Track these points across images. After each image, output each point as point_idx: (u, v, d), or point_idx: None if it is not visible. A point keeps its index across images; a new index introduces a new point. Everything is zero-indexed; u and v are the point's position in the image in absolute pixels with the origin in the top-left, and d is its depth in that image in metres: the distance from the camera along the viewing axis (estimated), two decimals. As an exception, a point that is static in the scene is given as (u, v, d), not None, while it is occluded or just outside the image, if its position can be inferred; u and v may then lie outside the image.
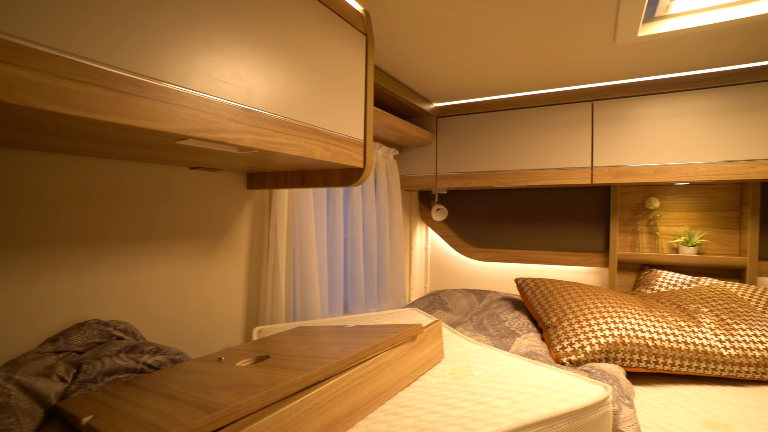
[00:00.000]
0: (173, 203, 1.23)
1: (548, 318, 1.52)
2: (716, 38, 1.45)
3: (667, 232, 2.18)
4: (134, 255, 1.12)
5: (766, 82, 1.71)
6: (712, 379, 1.42)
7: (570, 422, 0.84)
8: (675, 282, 2.01)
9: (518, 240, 2.51)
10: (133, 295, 1.12)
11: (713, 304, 1.60)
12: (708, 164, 1.80)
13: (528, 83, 1.98)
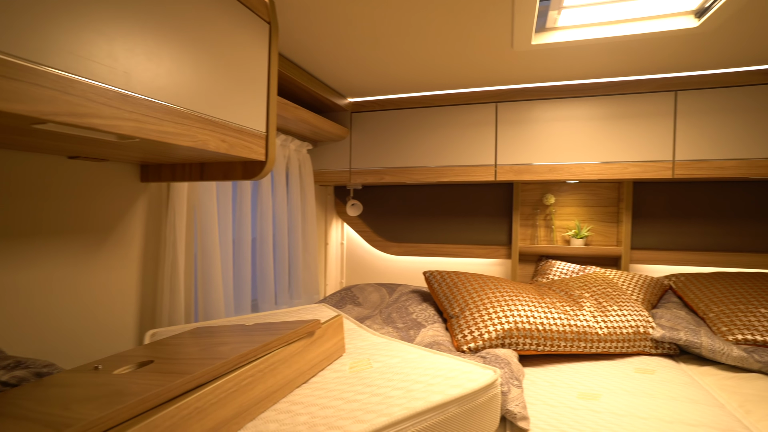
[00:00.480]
0: (47, 196, 1.09)
1: (452, 308, 1.59)
2: (597, 52, 1.61)
3: (561, 226, 2.40)
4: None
5: (639, 94, 1.93)
6: (590, 356, 1.59)
7: (461, 406, 0.89)
8: (566, 271, 2.21)
9: (430, 234, 2.60)
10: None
11: (594, 290, 1.78)
12: (593, 164, 2.00)
13: (437, 83, 2.05)
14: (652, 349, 1.61)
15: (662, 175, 1.90)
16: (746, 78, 1.81)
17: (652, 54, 1.64)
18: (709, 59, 1.68)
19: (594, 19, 1.45)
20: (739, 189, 2.16)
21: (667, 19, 1.40)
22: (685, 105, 1.88)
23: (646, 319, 1.64)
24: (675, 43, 1.53)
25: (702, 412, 1.17)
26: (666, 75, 1.89)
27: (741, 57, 1.66)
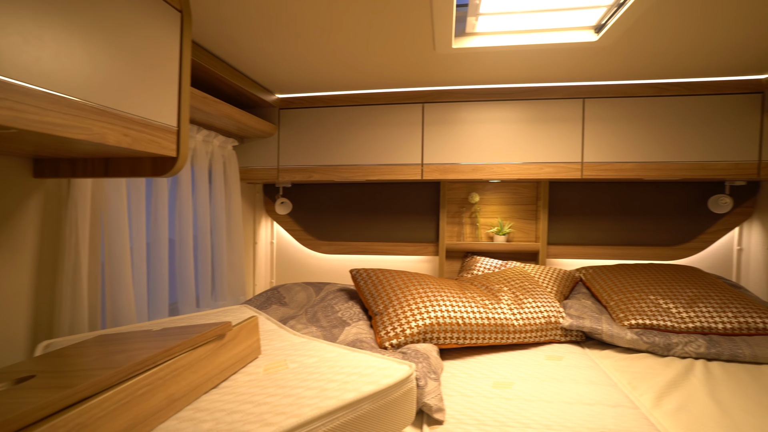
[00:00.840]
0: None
1: (377, 306, 1.61)
2: (513, 58, 1.70)
3: (485, 223, 2.51)
4: None
5: (553, 100, 2.07)
6: (507, 346, 1.68)
7: (374, 402, 0.90)
8: (489, 266, 2.32)
9: (361, 233, 2.61)
10: None
11: (512, 284, 1.88)
12: (512, 165, 2.11)
13: (365, 82, 2.06)
14: (562, 337, 1.73)
15: (573, 176, 2.05)
16: (642, 90, 2.00)
17: (561, 63, 1.76)
18: (610, 71, 1.84)
19: (507, 28, 1.53)
20: (638, 189, 2.38)
21: (571, 32, 1.51)
22: (591, 112, 2.04)
23: (557, 310, 1.76)
24: (580, 55, 1.66)
25: (598, 392, 1.27)
26: (575, 83, 2.04)
27: (636, 71, 1.83)
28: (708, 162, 1.96)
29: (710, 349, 1.56)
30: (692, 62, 1.72)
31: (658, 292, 1.85)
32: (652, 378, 1.39)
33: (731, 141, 1.95)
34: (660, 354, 1.60)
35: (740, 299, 1.76)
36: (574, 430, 1.07)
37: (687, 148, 1.98)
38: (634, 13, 1.28)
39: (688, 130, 1.98)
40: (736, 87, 1.95)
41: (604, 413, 1.15)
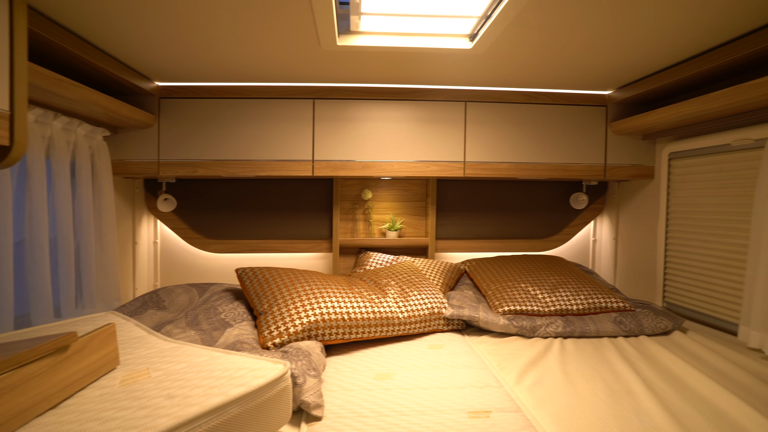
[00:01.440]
0: None
1: (261, 305, 1.57)
2: (398, 59, 1.76)
3: (378, 219, 2.57)
4: None
5: (439, 101, 2.18)
6: (393, 338, 1.75)
7: (244, 405, 0.88)
8: (382, 261, 2.38)
9: (254, 230, 2.52)
10: None
11: (400, 278, 1.96)
12: (401, 163, 2.19)
13: (253, 74, 1.98)
14: (445, 327, 1.84)
15: (456, 174, 2.19)
16: (515, 97, 2.20)
17: (444, 67, 1.86)
18: (487, 77, 1.99)
19: (390, 29, 1.58)
20: (514, 187, 2.62)
21: (450, 38, 1.60)
22: (473, 114, 2.19)
23: (441, 301, 1.87)
24: (459, 61, 1.77)
25: (471, 375, 1.38)
26: (458, 87, 2.18)
27: (509, 78, 2.00)
28: (568, 164, 2.23)
29: (566, 328, 1.77)
30: (552, 75, 1.94)
31: (528, 280, 2.05)
32: (518, 358, 1.54)
33: (585, 146, 2.24)
34: (527, 336, 1.78)
35: (591, 284, 2.03)
36: (445, 412, 1.15)
37: (552, 151, 2.22)
38: (500, 25, 1.40)
39: (553, 135, 2.22)
40: (587, 100, 2.24)
41: (473, 394, 1.25)
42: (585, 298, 1.93)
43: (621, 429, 1.08)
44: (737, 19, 1.33)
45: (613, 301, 1.92)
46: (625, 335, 1.79)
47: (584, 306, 1.90)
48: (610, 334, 1.78)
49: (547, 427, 1.09)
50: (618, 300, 1.93)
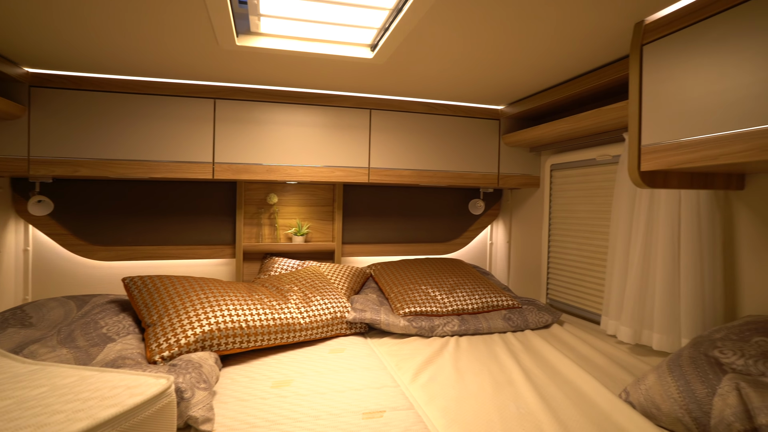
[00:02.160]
0: None
1: (150, 316, 1.46)
2: (303, 64, 1.75)
3: (284, 224, 2.52)
4: None
5: (344, 108, 2.21)
6: (295, 345, 1.73)
7: (117, 426, 0.81)
8: (287, 267, 2.34)
9: (149, 235, 2.34)
10: None
11: (303, 283, 1.94)
12: (307, 167, 2.17)
13: (145, 68, 1.84)
14: (348, 330, 1.86)
15: (361, 180, 2.23)
16: (417, 107, 2.31)
17: (348, 75, 1.89)
18: (390, 86, 2.06)
19: (293, 33, 1.57)
20: (418, 193, 2.74)
21: (352, 47, 1.64)
22: (377, 122, 2.25)
23: (344, 305, 1.89)
24: (363, 69, 1.81)
25: (369, 376, 1.41)
26: (363, 95, 2.22)
27: (410, 89, 2.09)
28: (466, 172, 2.38)
29: (461, 326, 1.89)
30: (451, 88, 2.06)
31: (429, 282, 2.15)
32: (415, 357, 1.61)
33: (481, 156, 2.41)
34: (426, 336, 1.86)
35: (485, 284, 2.19)
36: (340, 415, 1.16)
37: (451, 160, 2.36)
38: (397, 38, 1.46)
39: (452, 144, 2.36)
40: (483, 113, 2.41)
41: (369, 395, 1.28)
42: (479, 297, 2.07)
43: (500, 416, 1.17)
44: (598, 51, 1.53)
45: (503, 300, 2.09)
46: (513, 330, 1.95)
47: (478, 305, 2.04)
48: (500, 330, 1.93)
49: (436, 422, 1.16)
50: (508, 299, 2.10)
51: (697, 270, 1.46)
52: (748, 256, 1.43)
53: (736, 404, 0.98)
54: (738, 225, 1.46)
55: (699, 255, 1.46)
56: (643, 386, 1.20)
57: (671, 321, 1.53)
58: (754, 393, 0.97)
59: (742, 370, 1.07)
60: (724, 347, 1.15)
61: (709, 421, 1.02)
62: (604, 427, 1.12)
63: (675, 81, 1.18)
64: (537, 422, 1.14)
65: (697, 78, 1.12)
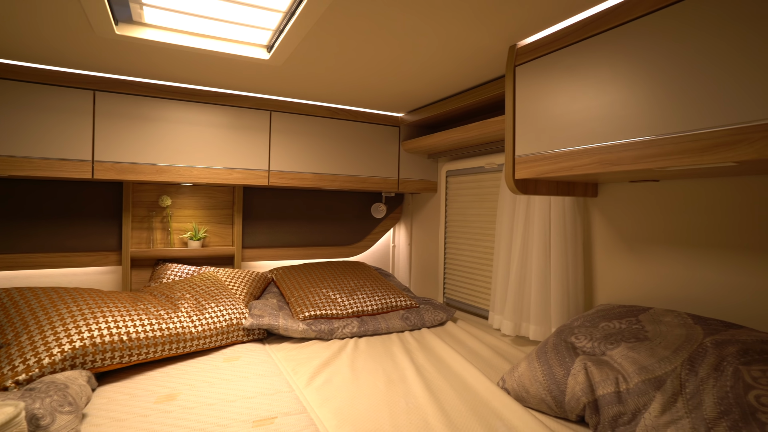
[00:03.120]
0: None
1: (4, 335, 1.28)
2: (195, 59, 1.67)
3: (178, 228, 2.37)
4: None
5: (243, 108, 2.14)
6: (186, 355, 1.63)
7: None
8: (182, 273, 2.20)
9: (14, 242, 2.04)
10: None
11: (197, 290, 1.85)
12: (202, 168, 2.07)
13: (12, 51, 1.62)
14: (245, 337, 1.81)
15: (260, 182, 2.18)
16: (319, 111, 2.31)
17: (246, 75, 1.84)
18: (290, 89, 2.05)
19: (185, 27, 1.49)
20: (322, 196, 2.75)
21: (247, 46, 1.60)
22: (277, 124, 2.22)
23: (240, 311, 1.83)
24: (261, 70, 1.77)
25: (263, 383, 1.39)
26: (263, 96, 2.18)
27: (312, 92, 2.10)
28: (367, 176, 2.44)
29: (360, 328, 1.93)
30: (351, 94, 2.10)
31: (329, 285, 2.17)
32: (312, 361, 1.61)
33: (382, 161, 2.49)
34: (326, 339, 1.88)
35: (385, 286, 2.26)
36: (228, 426, 1.13)
37: (353, 164, 2.40)
38: (292, 41, 1.46)
39: (354, 149, 2.41)
40: (384, 120, 2.50)
41: (262, 402, 1.26)
42: (379, 299, 2.13)
43: (390, 412, 1.23)
44: (482, 68, 1.67)
45: (402, 300, 2.17)
46: (411, 329, 2.04)
47: (378, 306, 2.10)
48: (398, 329, 2.01)
49: (328, 423, 1.18)
50: (406, 299, 2.19)
51: (563, 267, 1.66)
52: (601, 253, 1.65)
53: (584, 381, 1.14)
54: (593, 227, 1.68)
55: (564, 254, 1.66)
56: (516, 373, 1.33)
57: (544, 313, 1.71)
58: (596, 370, 1.14)
59: (589, 351, 1.24)
60: (579, 333, 1.33)
61: (564, 398, 1.17)
62: (482, 413, 1.22)
63: (541, 100, 1.33)
64: (423, 415, 1.21)
65: (556, 99, 1.28)
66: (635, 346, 1.17)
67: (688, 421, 0.93)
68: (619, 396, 1.08)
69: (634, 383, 1.07)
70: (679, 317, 1.25)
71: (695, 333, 1.15)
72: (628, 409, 1.05)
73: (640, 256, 1.52)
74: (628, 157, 1.08)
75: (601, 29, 1.15)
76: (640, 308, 1.37)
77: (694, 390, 0.97)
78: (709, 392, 0.94)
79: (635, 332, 1.24)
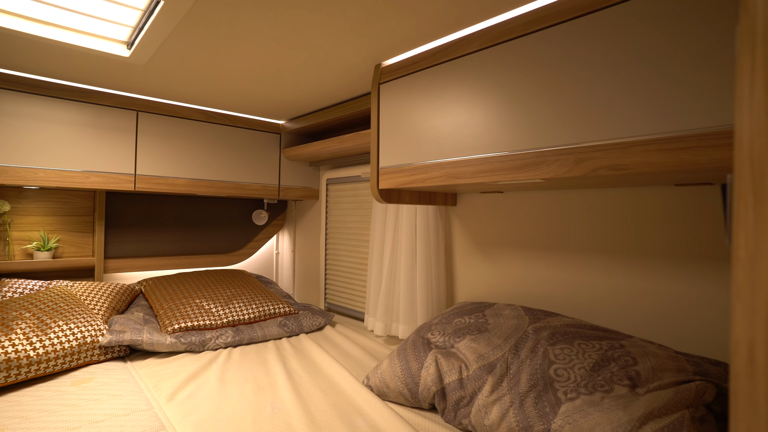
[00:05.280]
0: None
1: None
2: (47, 51, 1.50)
3: (21, 237, 2.08)
4: None
5: (105, 107, 1.96)
6: (24, 383, 1.45)
7: None
8: (24, 289, 1.93)
9: None
10: None
11: (40, 307, 1.65)
12: (51, 171, 1.85)
13: None
14: (102, 356, 1.66)
15: (125, 187, 2.02)
16: (193, 113, 2.22)
17: (106, 71, 1.70)
18: (157, 89, 1.93)
19: (27, 12, 1.34)
20: (199, 203, 2.62)
21: (105, 41, 1.49)
22: (146, 125, 2.08)
23: (97, 328, 1.68)
24: (122, 67, 1.66)
25: (117, 404, 1.29)
26: (129, 94, 2.02)
27: (183, 94, 2.00)
28: (246, 183, 2.40)
29: (235, 337, 1.89)
30: (228, 98, 2.06)
31: (204, 295, 2.08)
32: (179, 375, 1.54)
33: (262, 168, 2.47)
34: (197, 351, 1.80)
35: (264, 293, 2.24)
36: (68, 453, 1.04)
37: (231, 171, 2.34)
38: (154, 40, 1.40)
39: (232, 155, 2.35)
40: (264, 126, 2.48)
41: (113, 425, 1.18)
42: (256, 307, 2.11)
43: (254, 419, 1.23)
44: (354, 83, 1.77)
45: (280, 307, 2.17)
46: (289, 335, 2.05)
47: (255, 314, 2.07)
48: (275, 336, 2.00)
49: (186, 437, 1.14)
50: (285, 306, 2.20)
51: (427, 270, 1.82)
52: (460, 256, 1.85)
53: (434, 372, 1.27)
54: (453, 233, 1.87)
55: (428, 258, 1.82)
56: (378, 371, 1.42)
57: (410, 313, 1.86)
58: (445, 361, 1.28)
59: (441, 345, 1.39)
60: (435, 330, 1.47)
61: (418, 389, 1.29)
62: (346, 411, 1.29)
63: (402, 116, 1.46)
64: (288, 418, 1.24)
65: (414, 116, 1.41)
66: (477, 337, 1.34)
67: (509, 397, 1.09)
68: (461, 382, 1.22)
69: (473, 370, 1.23)
70: (514, 310, 1.46)
71: (523, 322, 1.35)
72: (467, 393, 1.20)
73: (490, 257, 1.73)
74: (467, 172, 1.24)
75: (448, 58, 1.31)
76: (487, 304, 1.57)
77: (515, 370, 1.15)
78: (525, 371, 1.12)
79: (479, 325, 1.41)
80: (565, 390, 1.03)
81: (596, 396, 0.98)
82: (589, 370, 1.06)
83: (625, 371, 1.03)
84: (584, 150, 1.00)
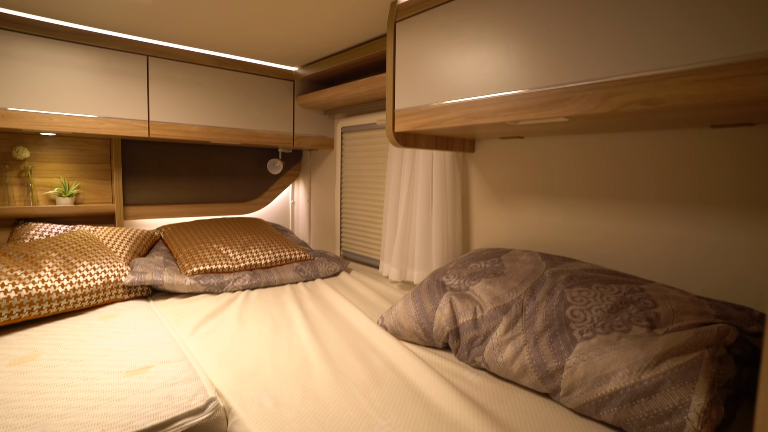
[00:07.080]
0: None
1: None
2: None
3: (42, 184, 2.12)
4: None
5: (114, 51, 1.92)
6: (55, 316, 1.51)
7: None
8: (50, 233, 1.99)
9: None
10: None
11: (65, 248, 1.69)
12: (65, 116, 1.84)
13: None
14: (126, 295, 1.72)
15: (139, 134, 2.01)
16: (205, 59, 2.16)
17: (114, 11, 1.65)
18: (167, 32, 1.88)
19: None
20: (214, 151, 2.62)
21: (109, -24, 1.43)
22: (157, 71, 2.04)
23: (120, 269, 1.73)
24: (130, 7, 1.60)
25: (142, 336, 1.34)
26: (139, 38, 1.97)
27: (197, 39, 1.94)
28: (260, 131, 2.37)
29: (252, 280, 1.93)
30: (241, 43, 1.99)
31: (221, 240, 2.12)
32: (198, 313, 1.59)
33: (276, 116, 2.42)
34: (215, 292, 1.85)
35: (280, 240, 2.27)
36: (96, 379, 1.09)
37: (245, 118, 2.31)
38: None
39: (245, 102, 2.31)
40: (277, 73, 2.41)
41: (138, 354, 1.23)
42: (272, 252, 2.14)
43: (272, 353, 1.27)
44: (368, 23, 1.69)
45: (296, 253, 2.20)
46: (305, 280, 2.09)
47: (271, 260, 2.11)
48: (291, 281, 2.04)
49: (207, 367, 1.19)
50: (301, 252, 2.22)
51: (443, 217, 1.80)
52: (477, 203, 1.82)
53: (449, 313, 1.28)
54: (471, 180, 1.84)
55: (445, 204, 1.80)
56: (393, 312, 1.44)
57: (426, 259, 1.86)
58: (459, 302, 1.28)
59: (456, 288, 1.39)
60: (450, 273, 1.47)
61: (432, 328, 1.30)
62: (361, 348, 1.32)
63: (418, 56, 1.39)
64: (305, 354, 1.28)
65: (431, 55, 1.34)
66: (493, 280, 1.34)
67: (523, 336, 1.10)
68: (476, 322, 1.23)
69: (488, 311, 1.23)
70: (531, 255, 1.44)
71: (540, 267, 1.34)
72: (481, 333, 1.21)
73: (508, 205, 1.70)
74: (487, 112, 1.19)
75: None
76: (503, 250, 1.55)
77: (531, 312, 1.15)
78: (541, 312, 1.12)
79: (495, 270, 1.40)
80: (581, 330, 1.02)
81: (613, 335, 0.98)
82: (607, 311, 1.05)
83: (644, 313, 1.02)
84: (613, 84, 0.94)
